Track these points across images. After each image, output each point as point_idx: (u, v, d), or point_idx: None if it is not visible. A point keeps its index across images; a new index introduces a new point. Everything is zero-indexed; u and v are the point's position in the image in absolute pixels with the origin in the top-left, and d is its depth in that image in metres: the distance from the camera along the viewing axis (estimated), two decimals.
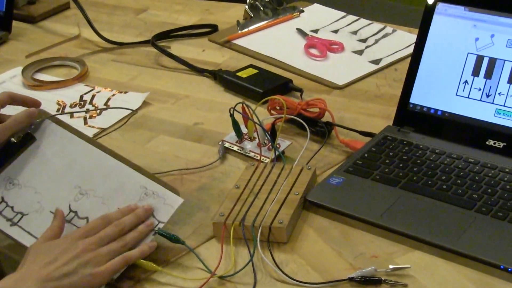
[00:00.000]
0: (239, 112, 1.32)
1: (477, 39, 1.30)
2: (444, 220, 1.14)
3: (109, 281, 1.07)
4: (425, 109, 1.33)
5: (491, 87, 1.28)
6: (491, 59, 1.28)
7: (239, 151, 1.35)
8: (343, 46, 1.68)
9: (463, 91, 1.30)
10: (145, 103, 1.52)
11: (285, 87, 1.52)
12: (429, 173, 1.23)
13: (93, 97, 1.56)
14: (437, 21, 1.33)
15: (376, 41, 1.70)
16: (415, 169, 1.24)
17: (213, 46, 1.75)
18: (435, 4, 1.33)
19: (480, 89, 1.29)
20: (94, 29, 1.76)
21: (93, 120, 1.48)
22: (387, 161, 1.26)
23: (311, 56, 1.66)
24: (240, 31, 1.77)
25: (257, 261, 1.10)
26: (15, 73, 1.66)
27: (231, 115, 1.34)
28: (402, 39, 1.69)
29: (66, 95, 1.57)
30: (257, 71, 1.58)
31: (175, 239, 1.12)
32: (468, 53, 1.30)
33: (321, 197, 1.20)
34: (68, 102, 1.54)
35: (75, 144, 1.20)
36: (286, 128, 1.40)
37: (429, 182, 1.21)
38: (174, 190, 1.17)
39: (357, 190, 1.22)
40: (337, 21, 1.80)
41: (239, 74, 1.56)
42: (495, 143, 1.27)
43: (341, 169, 1.26)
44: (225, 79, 1.57)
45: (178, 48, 1.73)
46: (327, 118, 1.37)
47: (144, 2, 1.99)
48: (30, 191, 1.16)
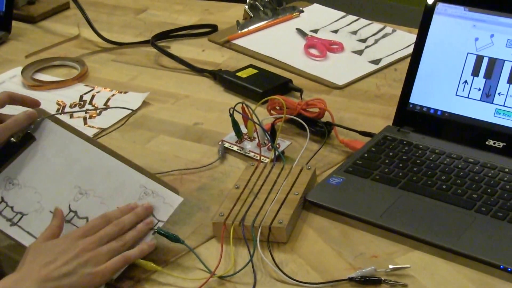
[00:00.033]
0: (239, 112, 1.32)
1: (476, 39, 1.30)
2: (444, 220, 1.14)
3: (109, 281, 1.07)
4: (424, 109, 1.33)
5: (490, 87, 1.28)
6: (490, 59, 1.28)
7: (239, 151, 1.35)
8: (342, 46, 1.68)
9: (463, 91, 1.30)
10: (145, 103, 1.52)
11: (285, 87, 1.52)
12: (429, 173, 1.23)
13: (93, 97, 1.56)
14: (436, 21, 1.33)
15: (376, 41, 1.70)
16: (415, 169, 1.24)
17: (213, 46, 1.75)
18: (434, 4, 1.33)
19: (480, 89, 1.29)
20: (94, 29, 1.76)
21: (92, 120, 1.48)
22: (387, 161, 1.26)
23: (311, 56, 1.65)
24: (240, 31, 1.77)
25: (256, 261, 1.10)
26: (14, 73, 1.66)
27: (231, 115, 1.34)
28: (402, 39, 1.69)
29: (66, 95, 1.57)
30: (257, 71, 1.58)
31: (174, 239, 1.12)
32: (468, 53, 1.30)
33: (321, 197, 1.20)
34: (68, 102, 1.54)
35: (74, 144, 1.20)
36: (286, 128, 1.40)
37: (429, 182, 1.21)
38: (173, 189, 1.17)
39: (357, 190, 1.22)
40: (336, 21, 1.80)
41: (239, 74, 1.56)
42: (494, 143, 1.27)
43: (341, 169, 1.26)
44: (225, 79, 1.57)
45: (178, 48, 1.73)
46: (327, 118, 1.37)
47: (144, 2, 1.99)
48: (30, 191, 1.16)
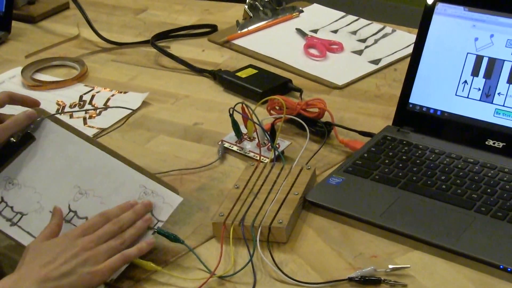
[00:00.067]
0: (238, 112, 1.32)
1: (476, 39, 1.30)
2: (444, 220, 1.14)
3: (109, 281, 1.07)
4: (424, 109, 1.33)
5: (490, 87, 1.28)
6: (490, 59, 1.28)
7: (238, 151, 1.35)
8: (342, 46, 1.68)
9: (463, 91, 1.30)
10: (144, 103, 1.52)
11: (284, 87, 1.52)
12: (429, 173, 1.23)
13: (92, 97, 1.56)
14: (436, 21, 1.33)
15: (376, 41, 1.70)
16: (415, 169, 1.24)
17: (212, 46, 1.75)
18: (434, 4, 1.33)
19: (480, 89, 1.29)
20: (94, 29, 1.76)
21: (92, 120, 1.48)
22: (387, 161, 1.26)
23: (311, 56, 1.65)
24: (239, 31, 1.77)
25: (256, 261, 1.10)
26: (14, 73, 1.66)
27: (231, 115, 1.34)
28: (402, 39, 1.69)
29: (66, 95, 1.57)
30: (257, 71, 1.58)
31: (174, 239, 1.12)
32: (468, 53, 1.30)
33: (320, 197, 1.20)
34: (68, 102, 1.54)
35: (74, 144, 1.20)
36: (285, 128, 1.40)
37: (429, 182, 1.21)
38: (173, 189, 1.17)
39: (356, 190, 1.22)
40: (336, 21, 1.80)
41: (238, 74, 1.56)
42: (494, 143, 1.27)
43: (340, 169, 1.26)
44: (224, 79, 1.57)
45: (178, 48, 1.73)
46: (326, 118, 1.37)
47: (144, 2, 1.99)
48: (30, 191, 1.16)
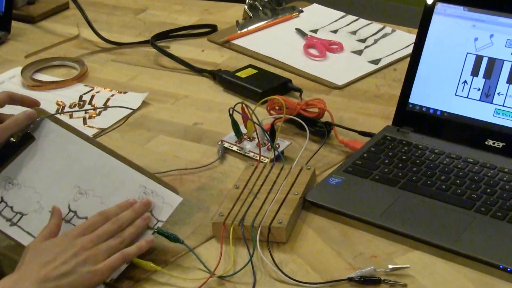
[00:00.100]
0: (238, 112, 1.32)
1: (476, 39, 1.30)
2: (444, 220, 1.14)
3: (109, 281, 1.07)
4: (424, 109, 1.33)
5: (490, 87, 1.28)
6: (490, 59, 1.28)
7: (238, 151, 1.35)
8: (342, 46, 1.68)
9: (462, 91, 1.30)
10: (144, 103, 1.52)
11: (284, 87, 1.52)
12: (428, 173, 1.23)
13: (92, 97, 1.56)
14: (436, 21, 1.33)
15: (376, 41, 1.70)
16: (414, 169, 1.24)
17: (212, 46, 1.75)
18: (434, 4, 1.33)
19: (479, 89, 1.29)
20: (94, 29, 1.76)
21: (92, 120, 1.48)
22: (387, 161, 1.26)
23: (311, 56, 1.66)
24: (239, 31, 1.77)
25: (256, 261, 1.10)
26: (14, 73, 1.66)
27: (231, 115, 1.34)
28: (402, 39, 1.69)
29: (66, 95, 1.57)
30: (257, 71, 1.58)
31: (174, 239, 1.12)
32: (467, 53, 1.30)
33: (320, 197, 1.20)
34: (68, 102, 1.54)
35: (74, 143, 1.20)
36: (285, 128, 1.40)
37: (428, 182, 1.21)
38: (173, 189, 1.17)
39: (356, 190, 1.22)
40: (336, 21, 1.80)
41: (238, 74, 1.56)
42: (494, 143, 1.27)
43: (340, 169, 1.26)
44: (224, 79, 1.57)
45: (178, 48, 1.73)
46: (326, 118, 1.37)
47: (143, 2, 1.99)
48: (30, 191, 1.16)
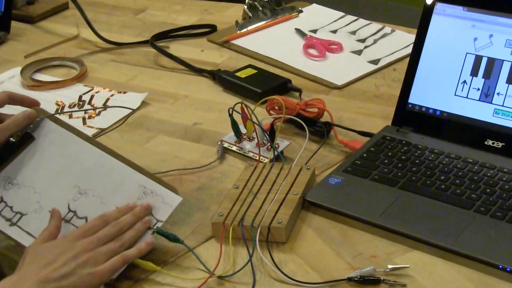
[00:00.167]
0: (238, 112, 1.32)
1: (475, 39, 1.30)
2: (443, 220, 1.14)
3: (109, 281, 1.07)
4: (423, 109, 1.33)
5: (489, 87, 1.28)
6: (489, 59, 1.28)
7: (238, 151, 1.35)
8: (341, 46, 1.68)
9: (462, 91, 1.30)
10: (144, 103, 1.52)
11: (284, 87, 1.52)
12: (428, 173, 1.23)
13: (92, 97, 1.56)
14: (435, 21, 1.33)
15: (375, 41, 1.70)
16: (414, 169, 1.24)
17: (212, 46, 1.75)
18: (433, 4, 1.33)
19: (479, 89, 1.29)
20: (93, 29, 1.76)
21: (92, 120, 1.48)
22: (386, 161, 1.26)
23: (310, 56, 1.66)
24: (239, 31, 1.77)
25: (256, 261, 1.10)
26: (14, 73, 1.66)
27: (230, 115, 1.34)
28: (401, 39, 1.69)
29: (65, 95, 1.57)
30: (256, 71, 1.58)
31: (173, 239, 1.12)
32: (467, 53, 1.30)
33: (320, 197, 1.20)
34: (67, 102, 1.54)
35: (74, 143, 1.20)
36: (285, 128, 1.40)
37: (428, 182, 1.21)
38: (172, 189, 1.17)
39: (356, 190, 1.22)
40: (335, 21, 1.80)
41: (238, 74, 1.56)
42: (493, 143, 1.27)
43: (340, 169, 1.26)
44: (224, 79, 1.57)
45: (177, 48, 1.73)
46: (326, 118, 1.37)
47: (143, 2, 1.99)
48: (29, 190, 1.16)
